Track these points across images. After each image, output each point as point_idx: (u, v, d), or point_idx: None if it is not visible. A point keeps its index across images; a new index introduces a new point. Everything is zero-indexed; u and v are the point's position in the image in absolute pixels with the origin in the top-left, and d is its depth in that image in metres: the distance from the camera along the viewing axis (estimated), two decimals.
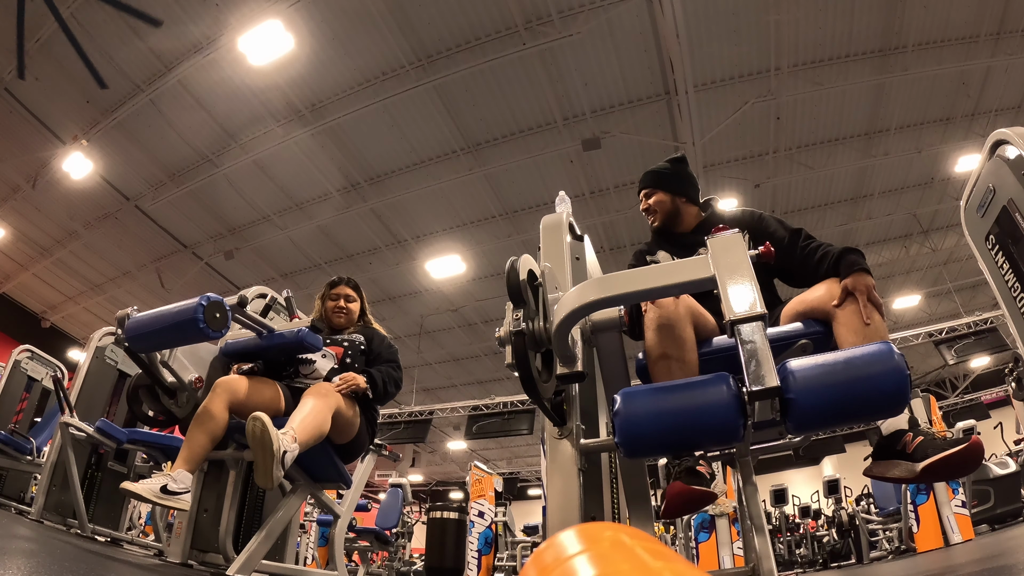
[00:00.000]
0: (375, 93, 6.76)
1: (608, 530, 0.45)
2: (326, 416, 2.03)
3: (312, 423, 1.96)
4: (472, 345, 12.13)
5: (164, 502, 1.79)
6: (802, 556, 7.82)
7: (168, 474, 1.87)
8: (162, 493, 1.80)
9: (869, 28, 6.26)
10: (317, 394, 2.07)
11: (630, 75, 6.67)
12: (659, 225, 2.06)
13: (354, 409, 2.27)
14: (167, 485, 1.82)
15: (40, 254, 9.70)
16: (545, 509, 1.78)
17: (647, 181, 2.11)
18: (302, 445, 1.88)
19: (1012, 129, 1.98)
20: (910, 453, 1.34)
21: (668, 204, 2.05)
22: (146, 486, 1.80)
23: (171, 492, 1.81)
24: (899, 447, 1.37)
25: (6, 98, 6.89)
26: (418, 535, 8.52)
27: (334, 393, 2.13)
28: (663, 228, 2.06)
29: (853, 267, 1.57)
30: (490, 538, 6.69)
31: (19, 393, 4.52)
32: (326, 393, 2.09)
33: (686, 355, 1.58)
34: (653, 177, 2.11)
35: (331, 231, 9.05)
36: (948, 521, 4.79)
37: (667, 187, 2.07)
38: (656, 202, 2.07)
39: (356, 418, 2.28)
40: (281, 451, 1.75)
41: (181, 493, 1.85)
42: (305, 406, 2.00)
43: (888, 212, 9.03)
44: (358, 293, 2.78)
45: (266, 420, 1.72)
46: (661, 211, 2.06)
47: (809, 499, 9.09)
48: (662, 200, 2.06)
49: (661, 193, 2.07)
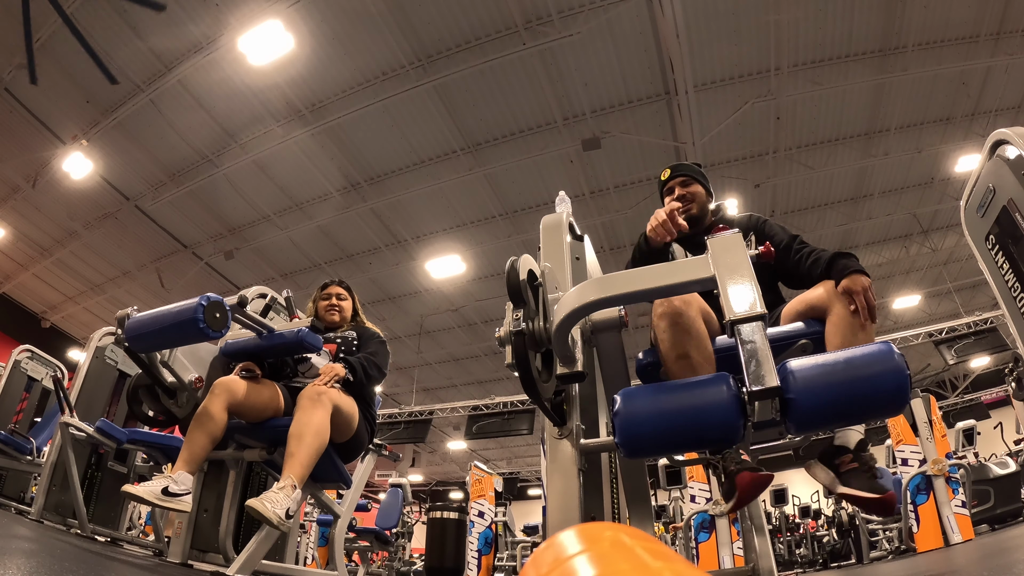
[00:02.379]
0: (375, 93, 6.76)
1: (608, 530, 0.45)
2: (322, 424, 2.03)
3: (311, 448, 1.97)
4: (472, 345, 12.13)
5: (166, 504, 1.80)
6: (802, 556, 7.82)
7: (169, 476, 1.87)
8: (164, 495, 1.80)
9: (869, 28, 6.26)
10: (309, 402, 2.05)
11: (630, 75, 6.67)
12: (696, 214, 2.03)
13: (350, 402, 2.26)
14: (168, 487, 1.82)
15: (40, 254, 9.70)
16: (545, 509, 1.78)
17: (684, 171, 2.11)
18: (304, 478, 1.93)
19: (1012, 129, 1.98)
20: (840, 473, 1.43)
21: (703, 197, 2.07)
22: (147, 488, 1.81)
23: (172, 494, 1.82)
24: (836, 462, 1.45)
25: (6, 98, 6.89)
26: (418, 535, 8.52)
27: (325, 393, 2.12)
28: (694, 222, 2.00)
29: (846, 271, 1.58)
30: (490, 538, 6.69)
31: (19, 393, 4.52)
32: (317, 397, 2.08)
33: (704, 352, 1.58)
34: (689, 169, 2.12)
35: (331, 231, 9.05)
36: (948, 521, 4.79)
37: (702, 182, 2.10)
38: (695, 192, 2.07)
39: (354, 412, 2.27)
40: (283, 513, 1.77)
41: (182, 495, 1.85)
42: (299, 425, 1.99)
43: (888, 212, 9.03)
44: (349, 292, 2.83)
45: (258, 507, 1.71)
46: (699, 201, 2.06)
47: (809, 499, 9.09)
48: (699, 192, 2.07)
49: (698, 185, 2.08)
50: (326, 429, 2.05)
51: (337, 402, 2.15)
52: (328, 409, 2.08)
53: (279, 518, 1.74)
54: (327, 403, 2.09)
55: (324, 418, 2.05)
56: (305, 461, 1.94)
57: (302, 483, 1.91)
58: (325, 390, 2.13)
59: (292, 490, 1.84)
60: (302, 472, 1.92)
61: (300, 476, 1.91)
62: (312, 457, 1.97)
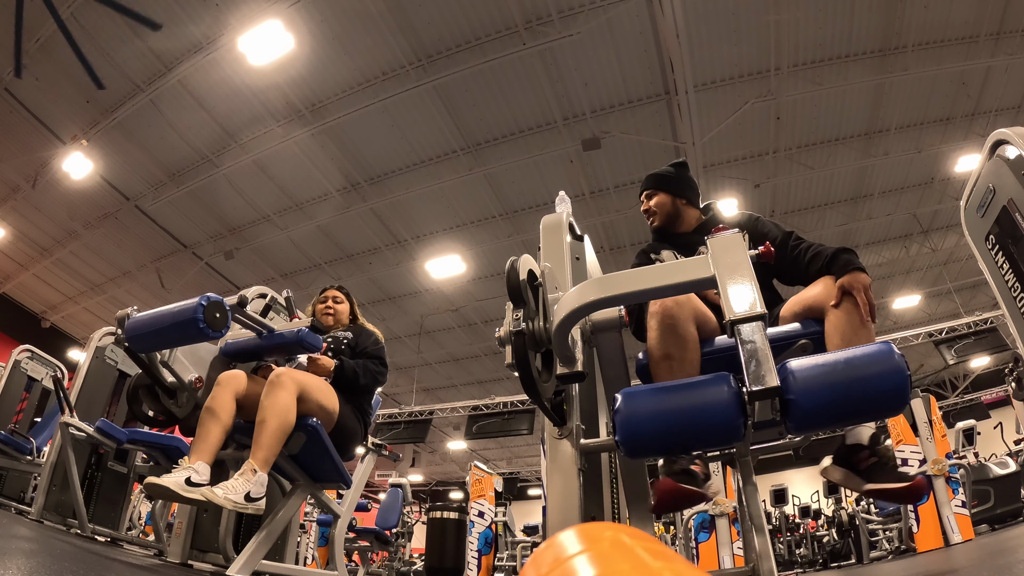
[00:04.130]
0: (375, 93, 6.76)
1: (608, 530, 0.45)
2: (284, 405, 2.02)
3: (269, 429, 1.98)
4: (472, 345, 12.13)
5: (190, 494, 1.79)
6: (802, 556, 7.82)
7: (190, 467, 1.87)
8: (187, 485, 1.80)
9: (869, 28, 6.26)
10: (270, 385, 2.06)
11: (630, 75, 6.67)
12: (659, 225, 2.09)
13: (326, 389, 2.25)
14: (190, 477, 1.83)
15: (40, 254, 9.70)
16: (545, 509, 1.78)
17: (649, 183, 2.15)
18: (268, 462, 1.94)
19: (1012, 129, 1.98)
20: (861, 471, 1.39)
21: (668, 205, 2.09)
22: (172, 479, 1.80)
23: (195, 484, 1.82)
24: (854, 460, 1.42)
25: (6, 98, 6.89)
26: (418, 535, 8.52)
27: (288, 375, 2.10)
28: (662, 228, 2.09)
29: (848, 266, 1.58)
30: (490, 538, 6.69)
31: (19, 393, 4.52)
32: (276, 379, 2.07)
33: (688, 355, 1.58)
34: (655, 179, 2.14)
35: (331, 231, 9.05)
36: (948, 521, 4.79)
37: (668, 188, 2.11)
38: (657, 203, 2.10)
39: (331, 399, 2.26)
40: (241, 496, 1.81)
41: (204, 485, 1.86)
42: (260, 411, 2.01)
43: (888, 212, 9.03)
44: (347, 296, 2.87)
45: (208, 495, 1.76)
46: (661, 212, 2.09)
47: (809, 499, 9.09)
48: (663, 201, 2.09)
49: (662, 194, 2.10)
50: (288, 409, 2.04)
51: (304, 384, 2.13)
52: (290, 390, 2.06)
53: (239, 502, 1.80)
54: (287, 383, 2.07)
55: (286, 398, 2.04)
56: (266, 443, 1.95)
57: (265, 466, 1.93)
58: (285, 370, 2.12)
59: (252, 474, 1.87)
60: (264, 455, 1.94)
61: (262, 459, 1.93)
62: (274, 438, 1.98)
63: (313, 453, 2.20)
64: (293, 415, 2.05)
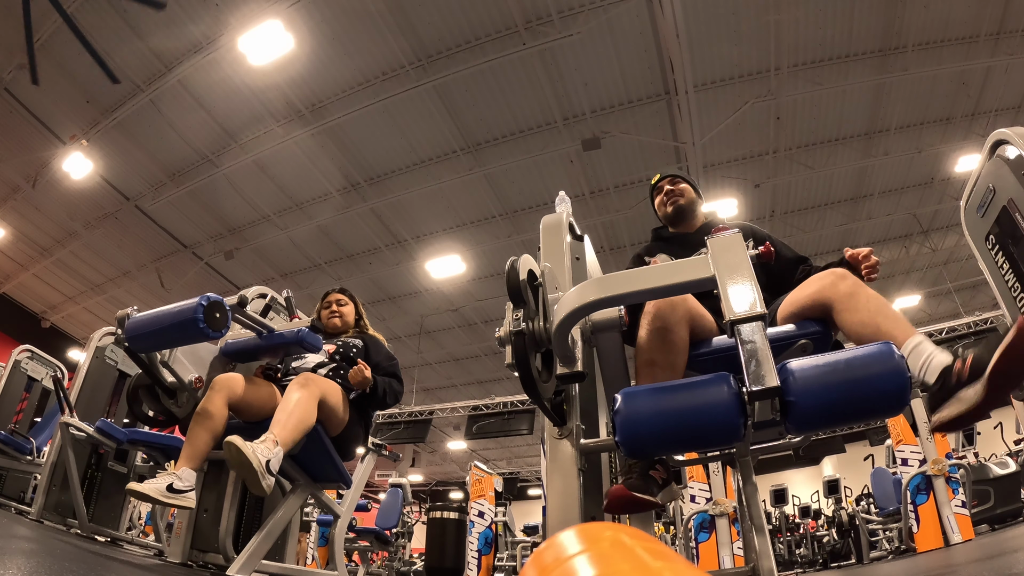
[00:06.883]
0: (375, 93, 6.76)
1: (608, 530, 0.45)
2: (309, 406, 2.03)
3: (295, 417, 1.96)
4: (472, 345, 12.13)
5: (171, 501, 1.79)
6: (802, 556, 7.82)
7: (173, 473, 1.87)
8: (168, 492, 1.80)
9: (869, 28, 6.27)
10: (298, 385, 2.07)
11: (630, 75, 6.67)
12: (683, 204, 2.14)
13: (340, 397, 2.27)
14: (173, 484, 1.82)
15: (40, 254, 9.70)
16: (545, 509, 1.78)
17: (673, 172, 2.26)
18: (286, 444, 1.88)
19: (1012, 129, 1.98)
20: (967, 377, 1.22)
21: (692, 194, 2.19)
22: (152, 486, 1.80)
23: (177, 490, 1.82)
24: (953, 381, 1.25)
25: (6, 98, 6.89)
26: (418, 535, 8.51)
27: (316, 381, 2.13)
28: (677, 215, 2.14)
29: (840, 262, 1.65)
30: (490, 538, 6.69)
31: (19, 393, 4.51)
32: (306, 383, 2.08)
33: (673, 358, 1.57)
34: (678, 172, 2.27)
35: (331, 231, 9.05)
36: (948, 521, 4.79)
37: (691, 183, 2.23)
38: (683, 188, 2.18)
39: (342, 406, 2.27)
40: (263, 461, 1.74)
41: (187, 491, 1.85)
42: (287, 401, 2.00)
43: (888, 212, 9.03)
44: (351, 299, 2.86)
45: (237, 442, 1.70)
46: (687, 196, 2.16)
47: (809, 499, 9.09)
48: (688, 188, 2.19)
49: (687, 184, 2.21)
50: (313, 409, 2.05)
51: (325, 391, 2.15)
52: (314, 393, 2.08)
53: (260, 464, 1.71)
54: (314, 388, 2.09)
55: (310, 399, 2.05)
56: (288, 425, 1.91)
57: (285, 447, 1.87)
58: (314, 377, 2.14)
59: (273, 444, 1.81)
60: (285, 436, 1.88)
61: (283, 439, 1.87)
62: (296, 425, 1.95)
63: (313, 453, 2.20)
64: (314, 416, 2.07)
